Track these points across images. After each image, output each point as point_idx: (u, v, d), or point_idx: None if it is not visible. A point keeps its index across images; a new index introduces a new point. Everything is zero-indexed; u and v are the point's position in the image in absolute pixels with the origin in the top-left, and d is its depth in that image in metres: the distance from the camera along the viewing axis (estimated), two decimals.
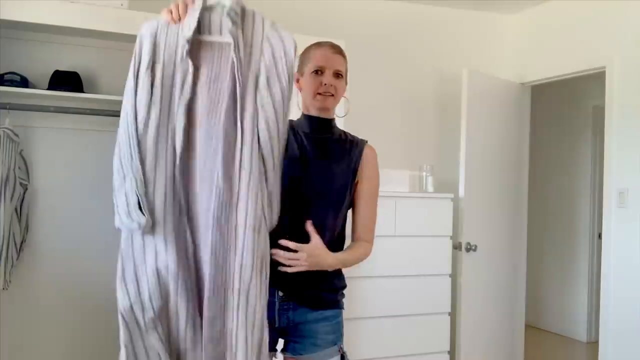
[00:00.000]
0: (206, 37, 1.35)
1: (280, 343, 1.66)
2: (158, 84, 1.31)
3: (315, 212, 1.59)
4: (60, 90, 2.82)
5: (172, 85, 1.32)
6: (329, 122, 1.69)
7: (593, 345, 4.53)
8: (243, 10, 1.37)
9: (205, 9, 1.35)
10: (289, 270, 1.46)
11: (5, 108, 2.76)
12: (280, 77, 1.36)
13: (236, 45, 1.32)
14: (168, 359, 1.34)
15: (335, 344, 1.63)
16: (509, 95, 3.89)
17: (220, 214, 1.31)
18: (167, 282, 1.33)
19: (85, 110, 2.90)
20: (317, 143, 1.65)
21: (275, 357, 1.68)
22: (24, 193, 2.85)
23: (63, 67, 2.93)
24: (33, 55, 2.94)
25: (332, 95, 1.63)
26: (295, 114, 1.71)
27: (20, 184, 2.80)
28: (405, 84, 3.86)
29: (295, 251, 1.48)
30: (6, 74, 2.78)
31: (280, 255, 1.46)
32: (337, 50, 1.66)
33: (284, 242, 1.47)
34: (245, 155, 1.32)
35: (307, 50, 1.68)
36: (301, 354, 1.60)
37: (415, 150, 3.84)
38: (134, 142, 1.32)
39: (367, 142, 1.72)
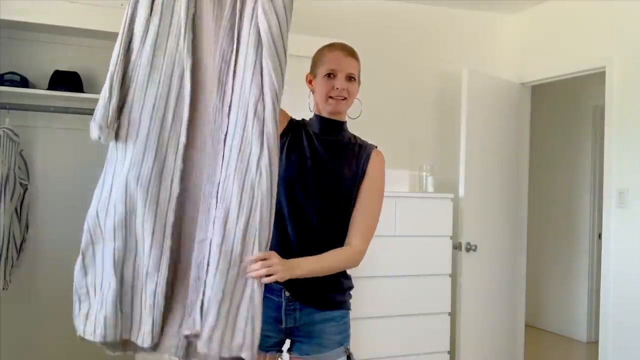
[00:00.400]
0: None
1: (287, 343, 1.66)
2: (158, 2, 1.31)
3: (322, 212, 1.59)
4: (60, 90, 2.82)
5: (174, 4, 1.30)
6: (340, 125, 1.69)
7: (593, 345, 4.53)
8: None
9: None
10: (266, 280, 1.32)
11: (5, 108, 2.76)
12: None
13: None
14: (115, 278, 1.30)
15: (342, 345, 1.63)
16: (509, 95, 3.89)
17: (215, 131, 1.29)
18: (134, 194, 1.29)
19: (85, 110, 2.90)
20: (326, 144, 1.65)
21: (281, 357, 1.68)
22: (24, 193, 2.85)
23: (63, 67, 2.93)
24: (33, 55, 2.95)
25: (345, 98, 1.62)
26: (306, 115, 1.72)
27: (20, 184, 2.80)
28: (405, 83, 3.86)
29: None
30: (6, 74, 2.78)
31: (253, 264, 1.32)
32: (350, 52, 1.65)
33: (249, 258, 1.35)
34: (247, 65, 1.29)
35: (320, 52, 1.68)
36: (307, 354, 1.60)
37: (415, 150, 3.84)
38: (120, 59, 1.34)
39: (376, 147, 1.70)
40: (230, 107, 1.30)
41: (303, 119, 1.71)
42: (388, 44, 3.82)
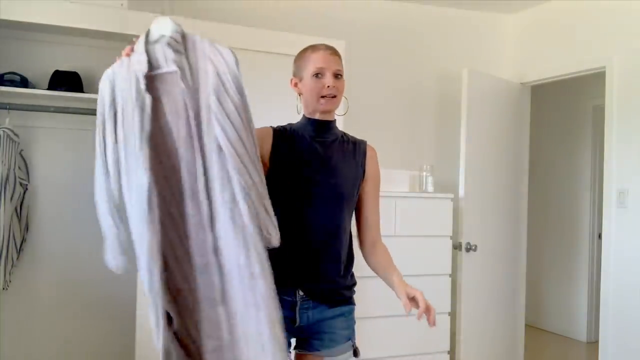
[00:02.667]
0: (157, 71, 1.35)
1: (293, 342, 1.68)
2: (120, 120, 1.33)
3: (332, 213, 1.62)
4: (60, 90, 2.82)
5: (132, 121, 1.32)
6: (330, 124, 1.70)
7: (593, 345, 4.53)
8: (184, 37, 1.37)
9: (149, 44, 1.36)
10: (433, 326, 1.57)
11: (5, 108, 2.76)
12: (229, 92, 1.34)
13: (183, 73, 1.32)
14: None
15: (349, 340, 1.67)
16: (509, 95, 3.89)
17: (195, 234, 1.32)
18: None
19: (85, 110, 2.90)
20: (323, 145, 1.66)
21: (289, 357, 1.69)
22: (24, 193, 2.85)
23: (63, 67, 2.93)
24: (33, 55, 2.94)
25: (335, 96, 1.64)
26: (295, 118, 1.71)
27: (20, 184, 2.80)
28: (405, 83, 3.86)
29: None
30: (6, 74, 2.78)
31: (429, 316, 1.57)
32: (333, 51, 1.67)
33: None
34: (214, 177, 1.31)
35: (303, 54, 1.68)
36: (318, 350, 1.63)
37: (415, 150, 3.84)
38: (108, 192, 1.34)
39: (367, 142, 1.75)
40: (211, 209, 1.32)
41: (289, 124, 1.69)
42: (388, 44, 3.82)
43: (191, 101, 1.32)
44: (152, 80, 1.33)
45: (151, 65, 1.33)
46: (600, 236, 3.76)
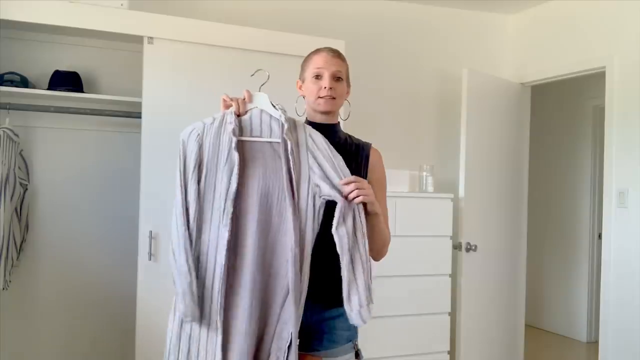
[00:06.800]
0: (247, 138, 1.48)
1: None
2: (202, 182, 1.43)
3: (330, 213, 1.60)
4: (60, 90, 2.82)
5: (215, 181, 1.43)
6: (333, 127, 1.70)
7: (593, 345, 4.53)
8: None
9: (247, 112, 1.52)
10: (357, 200, 1.47)
11: (5, 108, 2.76)
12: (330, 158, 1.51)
13: (290, 147, 1.46)
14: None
15: (350, 341, 1.65)
16: (509, 95, 3.89)
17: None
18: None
19: (85, 110, 2.90)
20: None
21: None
22: (24, 193, 2.85)
23: (63, 67, 2.93)
24: (33, 55, 2.94)
25: (333, 98, 1.64)
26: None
27: (20, 184, 2.80)
28: (405, 84, 3.86)
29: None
30: (6, 74, 2.78)
31: (347, 184, 1.48)
32: (336, 54, 1.67)
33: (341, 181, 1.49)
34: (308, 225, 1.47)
35: (307, 57, 1.70)
36: (318, 350, 1.61)
37: (415, 150, 3.84)
38: (186, 243, 1.40)
39: (371, 144, 1.74)
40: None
41: None
42: (388, 44, 3.82)
43: (292, 167, 1.45)
44: (243, 145, 1.46)
45: (241, 130, 1.48)
46: (600, 236, 3.76)
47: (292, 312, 1.39)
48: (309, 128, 1.54)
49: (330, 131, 1.68)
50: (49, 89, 2.84)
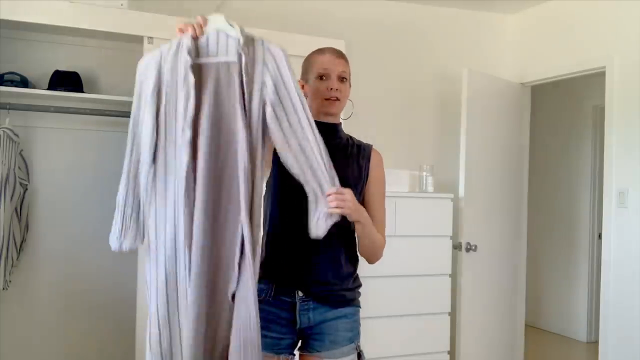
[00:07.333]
0: (205, 60, 1.43)
1: (298, 343, 1.67)
2: (162, 107, 1.39)
3: None
4: (60, 90, 2.82)
5: (176, 104, 1.38)
6: (335, 127, 1.69)
7: (593, 345, 4.53)
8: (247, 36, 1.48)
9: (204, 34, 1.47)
10: (336, 211, 1.42)
11: (5, 108, 2.76)
12: (287, 83, 1.44)
13: (244, 63, 1.41)
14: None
15: (353, 342, 1.64)
16: (509, 95, 3.89)
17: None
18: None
19: (85, 110, 2.90)
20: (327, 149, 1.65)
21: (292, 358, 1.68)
22: (24, 193, 2.85)
23: (63, 67, 2.93)
24: (33, 55, 2.95)
25: (338, 99, 1.64)
26: None
27: (20, 184, 2.80)
28: (405, 84, 3.86)
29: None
30: (6, 74, 2.78)
31: (331, 194, 1.43)
32: (340, 54, 1.67)
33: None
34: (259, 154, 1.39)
35: (310, 57, 1.70)
36: (319, 351, 1.61)
37: (415, 150, 3.84)
38: (135, 166, 1.40)
39: (372, 146, 1.74)
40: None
41: None
42: (388, 44, 3.82)
43: (242, 86, 1.39)
44: (196, 68, 1.40)
45: (198, 52, 1.42)
46: (600, 236, 3.76)
47: (243, 216, 1.34)
48: (267, 42, 1.48)
49: (332, 131, 1.68)
50: (49, 89, 2.84)
